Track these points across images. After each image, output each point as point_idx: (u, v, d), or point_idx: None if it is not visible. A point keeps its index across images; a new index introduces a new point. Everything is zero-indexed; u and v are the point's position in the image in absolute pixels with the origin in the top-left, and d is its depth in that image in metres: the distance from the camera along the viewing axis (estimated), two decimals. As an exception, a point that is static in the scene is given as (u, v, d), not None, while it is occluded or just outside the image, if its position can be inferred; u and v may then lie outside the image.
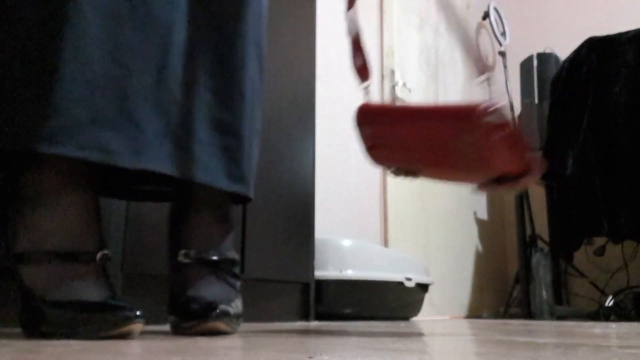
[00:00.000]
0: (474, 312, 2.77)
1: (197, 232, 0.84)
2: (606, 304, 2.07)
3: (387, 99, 2.38)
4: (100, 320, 0.67)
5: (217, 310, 0.78)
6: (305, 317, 1.51)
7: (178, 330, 0.81)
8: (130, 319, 0.67)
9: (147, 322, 0.70)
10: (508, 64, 3.07)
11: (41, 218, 0.70)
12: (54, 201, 0.71)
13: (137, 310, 0.68)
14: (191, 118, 0.77)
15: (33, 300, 0.68)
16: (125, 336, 0.67)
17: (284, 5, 1.55)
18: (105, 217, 1.00)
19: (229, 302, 0.82)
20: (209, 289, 0.82)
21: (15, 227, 0.71)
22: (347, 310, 1.62)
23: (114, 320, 0.67)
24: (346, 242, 1.69)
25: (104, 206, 1.00)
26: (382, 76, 2.39)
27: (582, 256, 2.44)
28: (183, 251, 0.83)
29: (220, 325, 0.79)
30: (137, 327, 0.68)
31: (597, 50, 2.18)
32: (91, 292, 0.69)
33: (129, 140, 0.70)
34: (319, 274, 1.58)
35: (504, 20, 3.25)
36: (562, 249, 2.22)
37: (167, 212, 0.89)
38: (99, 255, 0.71)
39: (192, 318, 0.79)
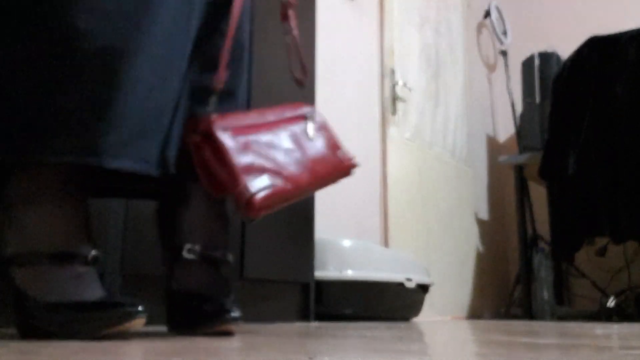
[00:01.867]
0: (475, 313, 2.76)
1: (200, 228, 0.84)
2: (607, 305, 2.07)
3: (387, 97, 2.38)
4: (101, 318, 0.67)
5: (232, 314, 0.79)
6: (305, 317, 1.51)
7: (179, 330, 0.81)
8: (132, 315, 0.67)
9: (146, 323, 0.70)
10: (509, 63, 3.07)
11: (31, 220, 0.70)
12: (43, 204, 0.71)
13: (139, 305, 0.68)
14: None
15: (27, 302, 0.68)
16: (126, 332, 0.67)
17: (285, 4, 1.54)
18: (104, 218, 1.00)
19: (234, 302, 0.82)
20: (215, 289, 0.83)
21: (5, 230, 0.71)
22: (347, 311, 1.62)
23: (115, 317, 0.67)
24: (346, 242, 1.68)
25: (103, 207, 0.99)
26: (383, 75, 2.39)
27: (583, 256, 2.44)
28: (188, 246, 0.82)
29: (232, 327, 0.80)
30: (139, 322, 0.68)
31: (598, 50, 2.17)
32: (86, 292, 0.69)
33: (160, 150, 0.72)
34: (319, 274, 1.57)
35: (505, 20, 3.25)
36: (563, 249, 2.21)
37: (156, 209, 0.89)
38: (89, 256, 0.71)
39: (204, 319, 0.79)
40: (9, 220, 0.71)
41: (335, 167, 0.89)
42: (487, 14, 3.21)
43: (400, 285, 1.75)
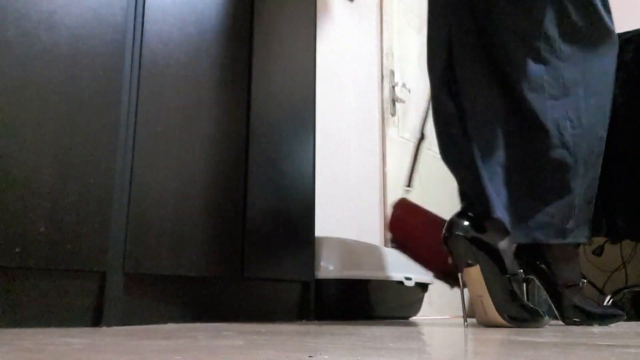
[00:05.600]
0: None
1: None
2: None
3: (386, 98, 2.39)
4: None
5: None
6: (305, 316, 1.52)
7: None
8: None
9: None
10: (507, 64, 3.07)
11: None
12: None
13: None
14: None
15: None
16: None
17: (284, 5, 1.55)
18: (105, 217, 1.01)
19: None
20: None
21: None
22: (347, 310, 1.63)
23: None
24: (346, 242, 1.69)
25: (104, 206, 1.00)
26: (382, 77, 2.40)
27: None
28: None
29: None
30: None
31: (596, 51, 2.18)
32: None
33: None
34: (319, 273, 1.58)
35: (504, 21, 3.25)
36: (561, 248, 2.21)
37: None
38: None
39: None
40: None
41: None
42: (486, 15, 3.21)
43: (400, 284, 1.76)
